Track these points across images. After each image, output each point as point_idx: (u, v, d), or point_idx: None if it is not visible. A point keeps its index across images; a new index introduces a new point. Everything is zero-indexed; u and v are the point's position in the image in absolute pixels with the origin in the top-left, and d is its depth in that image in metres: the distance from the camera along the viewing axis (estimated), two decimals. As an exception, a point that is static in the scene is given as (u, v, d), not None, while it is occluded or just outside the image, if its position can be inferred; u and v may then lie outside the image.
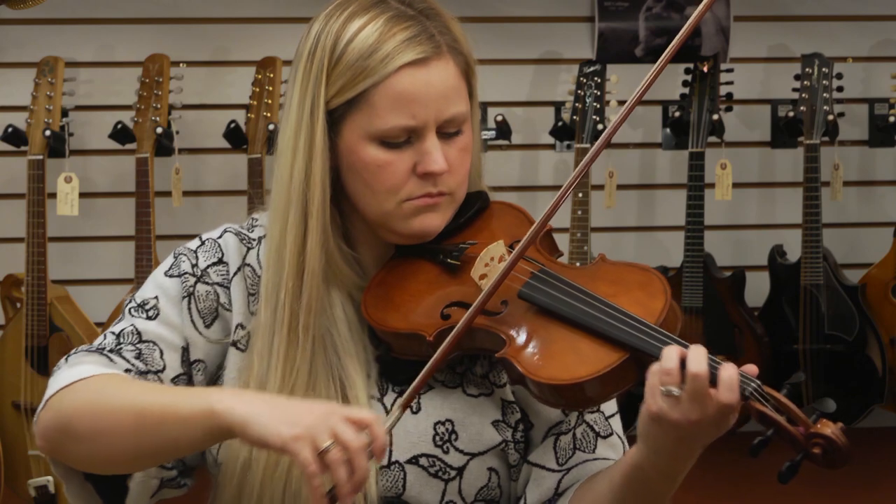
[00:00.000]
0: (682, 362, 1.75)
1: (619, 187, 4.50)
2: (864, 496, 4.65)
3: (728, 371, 1.74)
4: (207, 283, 2.01)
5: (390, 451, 1.94)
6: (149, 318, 1.99)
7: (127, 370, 1.94)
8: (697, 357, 1.74)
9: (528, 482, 1.98)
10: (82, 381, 1.89)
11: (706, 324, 4.36)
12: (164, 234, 4.37)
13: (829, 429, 1.74)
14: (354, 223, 1.99)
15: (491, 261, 1.89)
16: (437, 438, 1.94)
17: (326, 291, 1.95)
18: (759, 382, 1.76)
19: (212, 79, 4.55)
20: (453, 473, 1.95)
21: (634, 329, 1.80)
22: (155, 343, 1.98)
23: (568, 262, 2.51)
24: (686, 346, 1.77)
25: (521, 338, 1.85)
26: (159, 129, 4.25)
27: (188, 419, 1.78)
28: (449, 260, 1.94)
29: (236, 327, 2.00)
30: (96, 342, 2.00)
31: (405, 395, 1.83)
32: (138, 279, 4.21)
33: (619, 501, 1.87)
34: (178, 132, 4.33)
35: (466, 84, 1.95)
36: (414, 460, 1.94)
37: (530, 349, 1.83)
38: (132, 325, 1.99)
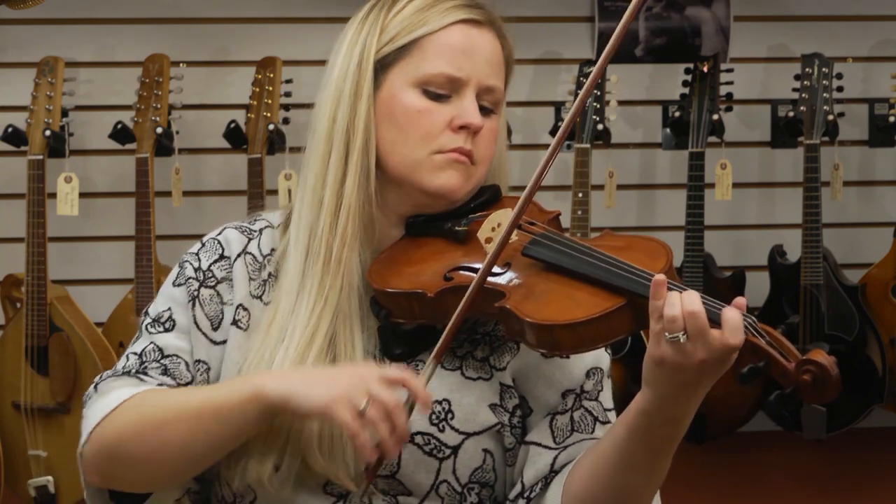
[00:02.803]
0: None
1: (619, 187, 4.50)
2: (864, 496, 4.65)
3: (731, 312, 1.76)
4: (210, 286, 2.04)
5: None
6: (166, 330, 2.03)
7: (160, 385, 1.98)
8: (690, 298, 1.77)
9: (525, 463, 1.99)
10: (121, 407, 1.93)
11: (706, 324, 4.36)
12: (164, 234, 4.37)
13: (821, 356, 1.75)
14: (377, 192, 2.02)
15: (498, 226, 1.95)
16: (433, 417, 1.96)
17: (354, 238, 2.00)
18: (753, 318, 1.79)
19: (212, 79, 4.55)
20: (448, 452, 1.96)
21: (634, 275, 1.82)
22: (178, 356, 2.02)
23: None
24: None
25: (521, 290, 1.88)
26: (159, 129, 4.25)
27: (240, 407, 1.87)
28: (457, 228, 1.99)
29: (237, 308, 2.03)
30: (119, 365, 2.02)
31: (437, 347, 1.88)
32: (138, 279, 4.21)
33: (625, 456, 1.87)
34: (178, 132, 4.34)
35: (506, 68, 2.07)
36: (409, 438, 1.94)
37: (529, 297, 1.87)
38: (152, 342, 2.02)
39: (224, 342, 2.03)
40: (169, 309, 2.04)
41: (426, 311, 1.91)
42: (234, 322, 2.03)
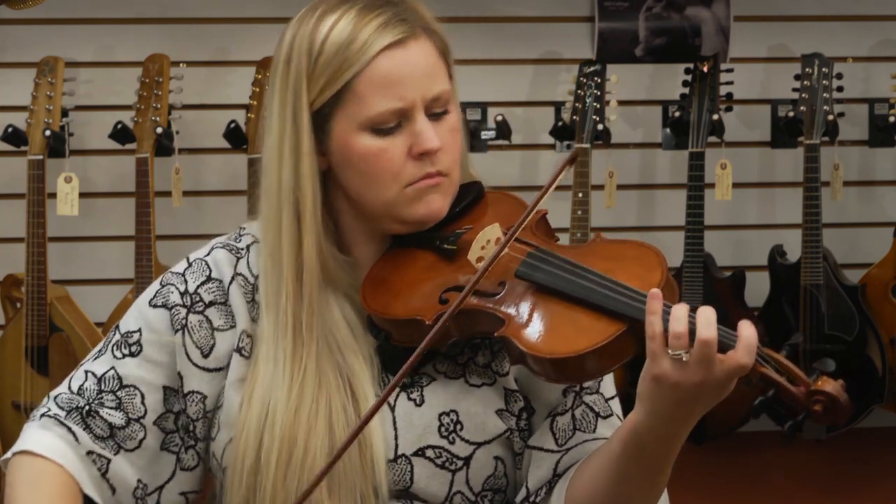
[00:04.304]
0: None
1: (619, 187, 4.50)
2: (864, 496, 4.65)
3: (747, 331, 1.75)
4: (198, 312, 2.00)
5: (397, 445, 1.94)
6: (131, 354, 1.99)
7: (89, 452, 1.96)
8: (708, 320, 1.74)
9: (529, 467, 1.98)
10: (34, 460, 1.94)
11: (706, 324, 4.36)
12: (164, 234, 4.37)
13: (829, 385, 1.75)
14: (347, 225, 1.99)
15: (487, 243, 1.91)
16: (443, 429, 1.95)
17: (324, 294, 1.96)
18: (758, 345, 1.78)
19: (212, 79, 4.55)
20: (460, 464, 1.95)
21: (632, 300, 1.80)
22: (136, 387, 1.98)
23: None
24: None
25: (520, 316, 1.85)
26: (159, 129, 4.25)
27: None
28: (445, 246, 1.95)
29: (241, 335, 2.00)
30: (75, 383, 2.00)
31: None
32: (138, 279, 4.21)
33: (619, 470, 1.86)
34: (178, 132, 4.33)
35: (445, 64, 1.97)
36: (420, 452, 1.94)
37: (529, 326, 1.84)
38: (113, 368, 1.99)
39: (219, 369, 1.99)
40: (139, 331, 2.00)
41: (425, 335, 1.87)
42: (238, 349, 2.00)
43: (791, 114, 4.42)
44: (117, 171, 4.50)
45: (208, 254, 2.04)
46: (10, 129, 4.29)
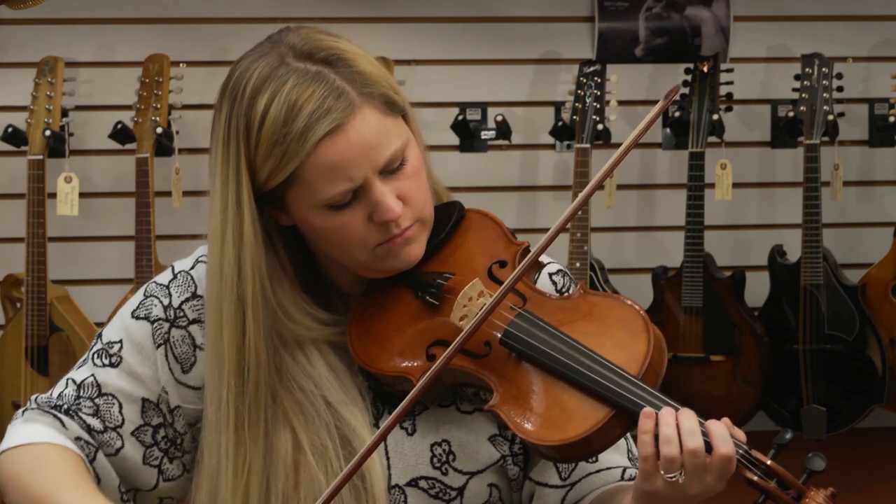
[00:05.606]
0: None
1: (619, 187, 4.50)
2: (864, 496, 4.65)
3: (714, 425, 1.75)
4: (181, 327, 1.96)
5: (389, 475, 1.92)
6: (111, 364, 1.95)
7: (77, 438, 1.91)
8: (691, 430, 1.75)
9: (531, 499, 1.97)
10: (26, 448, 1.89)
11: (706, 324, 4.36)
12: (164, 234, 4.37)
13: (817, 501, 1.77)
14: (323, 260, 1.96)
15: (469, 301, 1.87)
16: (435, 460, 1.93)
17: (299, 358, 1.91)
18: (746, 447, 1.77)
19: (212, 79, 4.54)
20: (454, 494, 1.93)
21: (619, 386, 1.80)
22: (114, 396, 1.94)
23: (567, 264, 2.51)
24: (674, 406, 1.77)
25: (507, 388, 1.84)
26: (159, 129, 4.25)
27: None
28: (428, 298, 1.91)
29: None
30: (56, 391, 1.96)
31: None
32: (138, 279, 4.21)
33: None
34: (178, 132, 4.34)
35: (393, 114, 1.88)
36: (413, 483, 1.92)
37: (518, 404, 1.83)
38: (93, 375, 1.95)
39: (199, 388, 1.94)
40: (120, 342, 1.96)
41: (412, 389, 1.85)
42: None
43: (791, 114, 4.42)
44: (117, 171, 4.50)
45: (193, 267, 2.00)
46: (10, 129, 4.29)
